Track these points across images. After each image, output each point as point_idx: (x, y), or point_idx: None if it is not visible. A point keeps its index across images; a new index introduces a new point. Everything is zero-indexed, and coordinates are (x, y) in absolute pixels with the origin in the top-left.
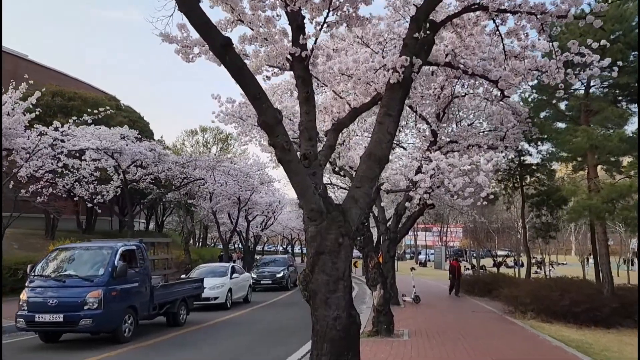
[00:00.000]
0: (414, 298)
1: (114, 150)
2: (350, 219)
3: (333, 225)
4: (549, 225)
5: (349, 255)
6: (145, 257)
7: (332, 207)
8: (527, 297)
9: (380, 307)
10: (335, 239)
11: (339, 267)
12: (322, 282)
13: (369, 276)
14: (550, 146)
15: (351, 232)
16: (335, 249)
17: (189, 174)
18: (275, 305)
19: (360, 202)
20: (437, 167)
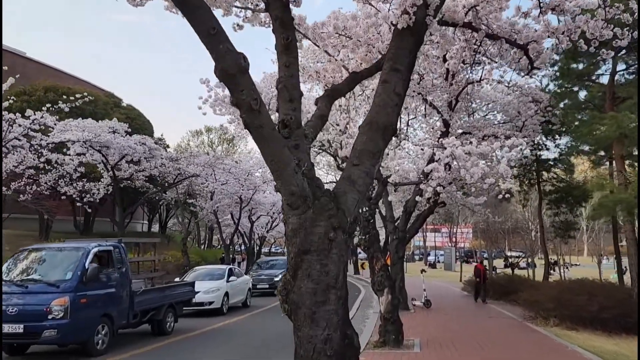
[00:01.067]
0: (424, 302)
1: (100, 144)
2: (345, 207)
3: (322, 214)
4: (568, 224)
5: (343, 255)
6: (124, 259)
7: (321, 191)
8: (550, 302)
9: (388, 315)
10: (324, 234)
11: (330, 270)
12: (307, 291)
13: (374, 280)
14: (570, 140)
15: (346, 224)
16: (325, 247)
17: (183, 170)
18: (276, 311)
19: (358, 184)
20: (452, 155)
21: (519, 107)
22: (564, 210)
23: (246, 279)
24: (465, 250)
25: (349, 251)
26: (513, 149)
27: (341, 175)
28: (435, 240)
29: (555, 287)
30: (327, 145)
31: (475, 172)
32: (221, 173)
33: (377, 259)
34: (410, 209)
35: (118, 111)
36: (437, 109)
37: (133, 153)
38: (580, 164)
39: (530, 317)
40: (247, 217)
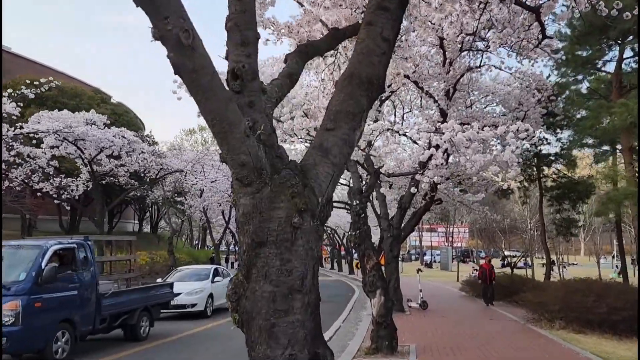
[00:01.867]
0: (420, 304)
1: (74, 136)
2: (315, 183)
3: (283, 193)
4: (570, 221)
5: (312, 248)
6: (90, 258)
7: (283, 163)
8: (556, 304)
9: (381, 319)
10: (286, 219)
11: (294, 268)
12: (264, 296)
13: (366, 280)
14: (572, 133)
15: (316, 205)
16: (287, 237)
17: (166, 165)
18: None
19: (333, 154)
20: (450, 141)
21: (520, 96)
22: (566, 207)
23: None
24: (462, 249)
25: (320, 243)
26: (520, 134)
27: (311, 143)
28: (432, 239)
29: (561, 288)
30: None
31: (477, 159)
32: (210, 170)
33: (369, 257)
34: (405, 205)
35: (104, 107)
36: (434, 97)
37: (111, 146)
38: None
39: (534, 319)
40: None
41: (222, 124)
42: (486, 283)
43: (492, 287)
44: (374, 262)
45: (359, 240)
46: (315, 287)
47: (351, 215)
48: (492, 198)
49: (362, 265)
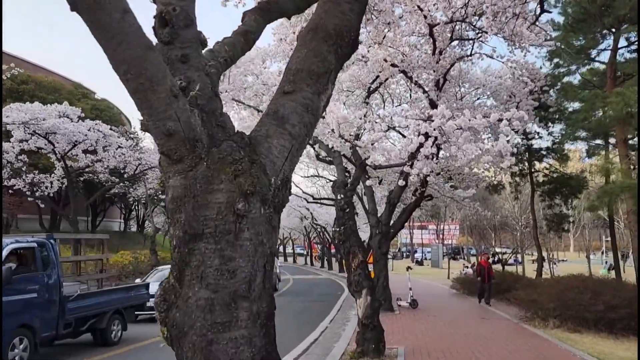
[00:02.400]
0: (410, 302)
1: (44, 129)
2: (267, 160)
3: (223, 171)
4: (561, 217)
5: (263, 243)
6: (52, 258)
7: (225, 133)
8: (551, 302)
9: (367, 320)
10: (227, 205)
11: (238, 269)
12: (199, 304)
13: (351, 279)
14: (564, 127)
15: (268, 187)
16: (229, 228)
17: (145, 161)
18: None
19: (291, 122)
20: (440, 129)
21: (512, 87)
22: (558, 202)
23: None
24: (452, 247)
25: (275, 235)
26: (513, 121)
27: (265, 110)
28: (422, 237)
29: (555, 285)
30: None
31: (468, 149)
32: None
33: (354, 254)
34: (394, 201)
35: (85, 102)
36: (423, 87)
37: (85, 140)
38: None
39: (527, 318)
40: None
41: (140, 79)
42: (484, 281)
43: (490, 286)
44: (360, 260)
45: (343, 237)
46: (268, 293)
47: (336, 210)
48: (483, 194)
49: (346, 263)
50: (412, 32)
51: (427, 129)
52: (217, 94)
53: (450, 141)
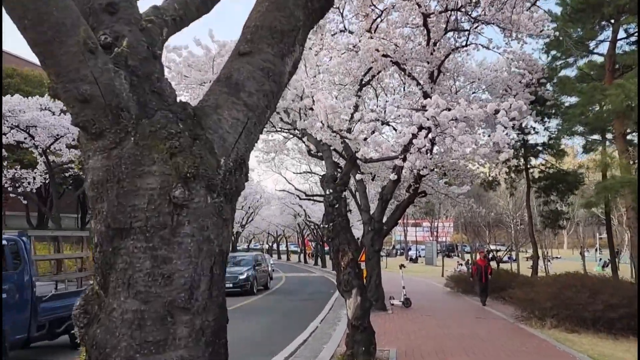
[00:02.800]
0: (403, 301)
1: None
2: (215, 136)
3: (156, 149)
4: (557, 214)
5: (209, 240)
6: (24, 257)
7: (161, 101)
8: (548, 301)
9: (357, 322)
10: (162, 192)
11: (176, 272)
12: (126, 318)
13: (340, 278)
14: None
15: (215, 171)
16: (163, 222)
17: None
18: (237, 313)
19: (247, 90)
20: (434, 120)
21: (508, 79)
22: (555, 198)
23: None
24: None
25: (228, 231)
26: (511, 112)
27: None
28: (417, 234)
29: (552, 284)
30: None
31: (465, 140)
32: None
33: (344, 252)
34: (387, 197)
35: None
36: (417, 79)
37: (66, 134)
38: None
39: (524, 317)
40: None
41: (41, 27)
42: (481, 281)
43: (487, 285)
44: (350, 258)
45: (332, 234)
46: (217, 302)
47: (324, 206)
48: (478, 190)
49: (335, 261)
50: (405, 24)
51: (420, 119)
52: (156, 55)
53: (445, 133)
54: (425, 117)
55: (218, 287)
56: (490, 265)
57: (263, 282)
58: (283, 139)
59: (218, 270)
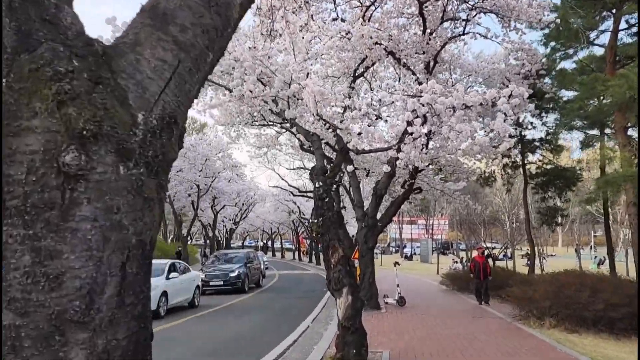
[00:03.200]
0: (398, 300)
1: None
2: (131, 81)
3: (37, 93)
4: (555, 210)
5: (120, 225)
6: None
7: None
8: (547, 300)
9: (348, 322)
10: (46, 157)
11: (68, 270)
12: None
13: (330, 276)
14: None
15: (130, 130)
16: (50, 199)
17: None
18: (227, 312)
19: (179, 22)
20: (430, 107)
21: (506, 71)
22: (552, 194)
23: (193, 276)
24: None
25: (152, 215)
26: (513, 99)
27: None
28: (412, 232)
29: (551, 282)
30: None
31: (463, 129)
32: None
33: (334, 249)
34: (381, 192)
35: None
36: (412, 70)
37: None
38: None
39: (522, 316)
40: (210, 207)
41: None
42: (479, 279)
43: (487, 284)
44: (340, 254)
45: (322, 229)
46: (132, 314)
47: (314, 200)
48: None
49: (325, 258)
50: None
51: (415, 105)
52: None
53: (442, 122)
54: (420, 103)
55: (135, 292)
56: (489, 262)
57: (255, 280)
58: (275, 133)
59: (134, 268)
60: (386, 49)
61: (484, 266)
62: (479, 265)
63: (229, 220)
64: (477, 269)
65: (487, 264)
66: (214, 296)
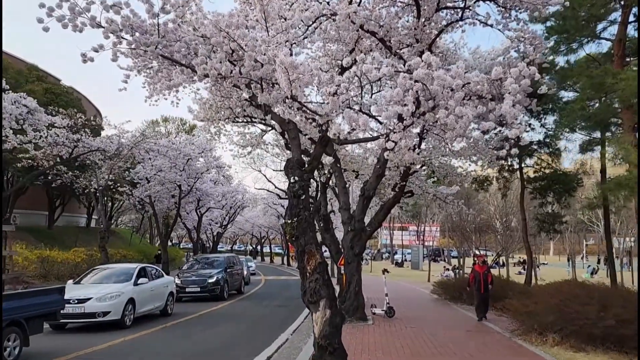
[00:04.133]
0: (386, 310)
1: None
2: None
3: None
4: (554, 217)
5: None
6: None
7: None
8: (550, 314)
9: (325, 341)
10: None
11: None
12: None
13: (305, 286)
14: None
15: None
16: None
17: (83, 142)
18: (200, 321)
19: None
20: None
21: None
22: (551, 200)
23: (166, 281)
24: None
25: None
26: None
27: None
28: (403, 238)
29: (554, 294)
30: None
31: (464, 113)
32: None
33: (310, 254)
34: (369, 193)
35: (38, 84)
36: (404, 58)
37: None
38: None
39: (522, 332)
40: (195, 210)
41: None
42: (480, 291)
43: (488, 297)
44: (318, 261)
45: (297, 231)
46: None
47: (288, 197)
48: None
49: (300, 265)
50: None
51: (406, 82)
52: None
53: (438, 105)
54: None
55: None
56: (491, 272)
57: (237, 286)
58: (260, 132)
59: None
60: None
61: (485, 277)
62: (479, 276)
63: (215, 224)
64: (478, 281)
65: (488, 275)
66: (190, 303)
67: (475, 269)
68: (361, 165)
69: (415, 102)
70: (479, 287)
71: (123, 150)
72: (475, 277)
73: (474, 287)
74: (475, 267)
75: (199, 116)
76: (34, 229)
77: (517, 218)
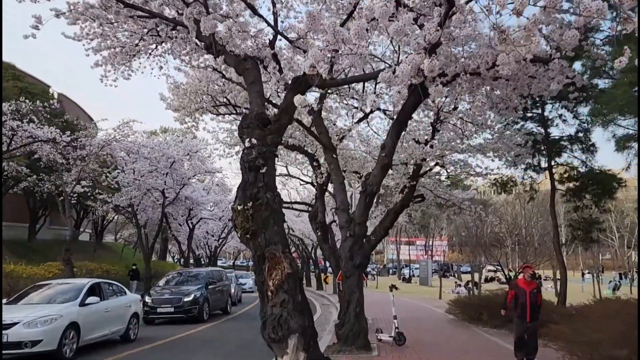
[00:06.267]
0: (395, 337)
1: None
2: None
3: None
4: (591, 223)
5: None
6: None
7: None
8: (617, 344)
9: None
10: None
11: None
12: None
13: (264, 312)
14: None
15: None
16: None
17: (26, 132)
18: (172, 347)
19: None
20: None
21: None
22: (588, 203)
23: (127, 300)
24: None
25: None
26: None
27: None
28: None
29: (616, 317)
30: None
31: None
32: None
33: (274, 260)
34: (372, 188)
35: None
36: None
37: None
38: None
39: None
40: (186, 221)
41: None
42: (524, 319)
43: (536, 329)
44: (286, 272)
45: (253, 224)
46: None
47: (241, 169)
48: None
49: (259, 279)
50: None
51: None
52: None
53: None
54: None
55: None
56: (541, 292)
57: (221, 306)
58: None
59: None
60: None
61: (534, 298)
62: (524, 295)
63: (211, 236)
64: (521, 303)
65: (538, 295)
66: (163, 326)
67: (518, 284)
68: (362, 162)
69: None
70: (523, 314)
71: (93, 149)
72: (515, 296)
73: (514, 312)
74: (519, 282)
75: (173, 104)
76: (12, 242)
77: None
